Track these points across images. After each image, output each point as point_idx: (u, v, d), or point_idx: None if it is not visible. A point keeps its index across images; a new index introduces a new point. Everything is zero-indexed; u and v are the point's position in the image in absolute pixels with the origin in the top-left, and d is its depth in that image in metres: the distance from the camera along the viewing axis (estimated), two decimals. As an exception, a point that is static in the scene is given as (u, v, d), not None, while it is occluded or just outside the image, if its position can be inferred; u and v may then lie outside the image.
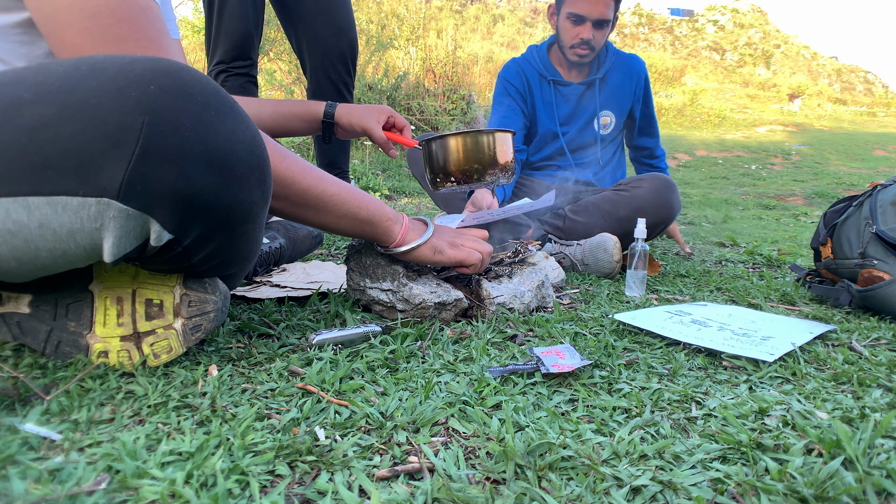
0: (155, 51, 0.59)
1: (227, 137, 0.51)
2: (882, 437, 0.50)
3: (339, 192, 0.75)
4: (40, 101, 0.46)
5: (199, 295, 0.60)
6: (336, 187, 0.75)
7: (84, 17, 0.54)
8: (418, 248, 0.83)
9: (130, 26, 0.57)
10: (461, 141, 1.03)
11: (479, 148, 1.03)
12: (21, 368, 0.57)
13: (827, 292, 1.15)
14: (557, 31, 1.67)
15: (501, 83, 1.76)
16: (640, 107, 1.78)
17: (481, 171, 1.02)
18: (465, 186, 1.04)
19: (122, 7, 0.57)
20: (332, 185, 0.74)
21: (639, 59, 1.77)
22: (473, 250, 0.87)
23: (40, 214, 0.47)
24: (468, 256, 0.86)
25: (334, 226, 0.78)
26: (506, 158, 1.04)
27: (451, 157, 1.02)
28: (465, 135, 1.03)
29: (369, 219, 0.79)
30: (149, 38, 0.59)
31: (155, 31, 0.60)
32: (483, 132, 1.03)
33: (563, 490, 0.41)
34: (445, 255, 0.85)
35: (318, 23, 1.74)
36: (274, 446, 0.44)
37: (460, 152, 1.03)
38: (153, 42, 0.59)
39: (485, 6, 12.61)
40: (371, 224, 0.80)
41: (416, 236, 0.84)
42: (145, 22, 0.59)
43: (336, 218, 0.76)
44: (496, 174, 1.04)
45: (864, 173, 6.00)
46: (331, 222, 0.77)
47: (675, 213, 1.55)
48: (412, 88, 5.37)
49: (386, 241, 0.83)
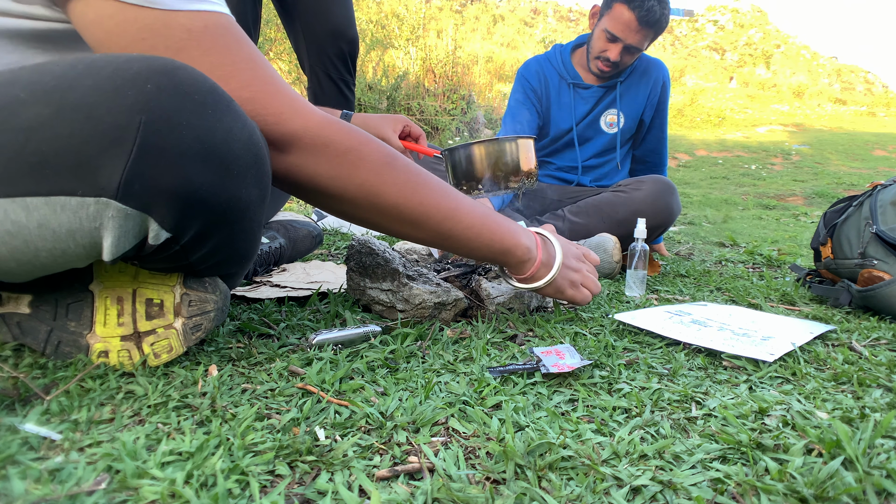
0: (252, 70, 0.59)
1: (223, 136, 0.51)
2: (882, 437, 0.50)
3: (473, 225, 0.72)
4: (37, 101, 0.46)
5: (199, 294, 0.60)
6: (470, 218, 0.72)
7: (170, 53, 0.54)
8: (543, 288, 0.82)
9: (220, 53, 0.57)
10: (485, 149, 1.04)
11: (502, 155, 1.04)
12: (21, 368, 0.57)
13: (827, 292, 1.15)
14: (591, 36, 1.67)
15: (520, 81, 1.77)
16: (651, 113, 1.76)
17: (506, 177, 1.04)
18: (489, 194, 1.05)
19: (206, 35, 0.57)
20: (468, 214, 0.72)
21: (661, 64, 1.75)
22: (588, 294, 0.86)
23: (39, 215, 0.47)
24: (583, 300, 0.86)
25: (465, 254, 0.77)
26: (529, 165, 1.06)
27: (476, 166, 1.04)
28: (488, 142, 1.04)
29: (503, 251, 0.77)
30: (244, 58, 0.59)
31: (248, 49, 0.60)
32: (506, 139, 1.04)
33: (563, 490, 0.41)
34: (564, 295, 0.85)
35: (316, 21, 1.74)
36: (274, 446, 0.44)
37: (484, 160, 1.04)
38: (247, 62, 0.59)
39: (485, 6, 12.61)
40: (504, 255, 0.78)
41: (545, 273, 0.81)
42: (234, 44, 0.59)
43: (468, 250, 0.75)
44: (521, 180, 1.05)
45: (864, 173, 6.00)
46: (461, 251, 0.76)
47: (674, 215, 1.55)
48: (412, 88, 5.37)
49: (514, 272, 0.82)
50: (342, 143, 0.64)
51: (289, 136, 0.61)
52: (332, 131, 0.63)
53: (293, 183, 0.65)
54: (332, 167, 0.63)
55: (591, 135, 1.77)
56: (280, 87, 0.61)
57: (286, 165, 0.63)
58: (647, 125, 1.78)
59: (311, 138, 0.62)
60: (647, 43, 1.58)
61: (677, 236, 2.55)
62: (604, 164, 1.80)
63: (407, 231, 0.70)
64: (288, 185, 0.65)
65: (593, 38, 1.64)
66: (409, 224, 0.69)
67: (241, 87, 0.58)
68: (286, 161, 0.63)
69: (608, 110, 1.74)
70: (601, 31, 1.59)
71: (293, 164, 0.63)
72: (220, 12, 0.59)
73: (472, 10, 11.97)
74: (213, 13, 0.58)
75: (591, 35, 1.66)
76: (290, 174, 0.64)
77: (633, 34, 1.55)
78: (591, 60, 1.66)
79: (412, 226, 0.69)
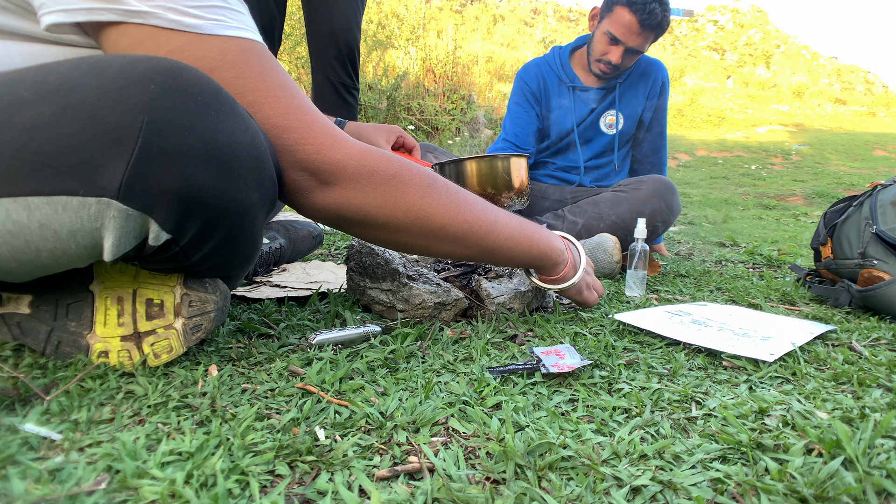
0: (288, 98, 0.59)
1: (226, 138, 0.51)
2: (882, 437, 0.50)
3: (512, 235, 0.74)
4: (40, 101, 0.46)
5: (199, 295, 0.60)
6: (509, 228, 0.74)
7: None
8: (568, 289, 0.86)
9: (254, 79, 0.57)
10: (476, 165, 1.03)
11: (493, 172, 1.04)
12: (21, 368, 0.57)
13: (827, 292, 1.15)
14: (591, 38, 1.66)
15: (518, 84, 1.77)
16: (650, 113, 1.76)
17: (496, 195, 1.04)
18: None
19: (240, 59, 0.56)
20: (506, 225, 0.74)
21: (660, 64, 1.75)
22: (598, 296, 0.93)
23: (40, 214, 0.47)
24: (594, 301, 0.92)
25: (505, 263, 0.80)
26: (520, 183, 1.06)
27: (467, 182, 1.04)
28: (479, 159, 1.04)
29: (540, 255, 0.79)
30: (279, 85, 0.59)
31: (283, 77, 0.60)
32: (498, 157, 1.04)
33: (563, 490, 0.41)
34: (581, 297, 0.89)
35: (318, 23, 1.74)
36: (274, 446, 0.44)
37: (475, 177, 1.04)
38: (282, 89, 0.59)
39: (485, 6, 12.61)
40: (541, 259, 0.80)
41: (572, 274, 0.85)
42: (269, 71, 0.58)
43: (508, 259, 0.77)
44: (512, 198, 1.05)
45: (864, 173, 6.00)
46: (501, 261, 0.78)
47: (674, 215, 1.55)
48: (412, 88, 5.37)
49: (546, 274, 0.84)
50: (386, 170, 0.64)
51: (332, 166, 0.61)
52: (374, 159, 0.63)
53: (343, 216, 0.65)
54: (379, 195, 0.64)
55: (592, 136, 1.77)
56: (317, 117, 0.61)
57: (334, 199, 0.63)
58: (647, 125, 1.78)
59: (354, 168, 0.62)
60: (647, 45, 1.58)
61: (677, 236, 2.55)
62: (604, 166, 1.80)
63: (451, 249, 0.71)
64: (337, 218, 0.65)
65: (594, 40, 1.64)
66: (455, 242, 0.70)
67: (277, 115, 0.58)
68: (334, 194, 0.63)
69: (607, 111, 1.74)
70: (602, 33, 1.59)
71: (342, 196, 0.63)
72: (255, 40, 0.59)
73: (472, 10, 11.97)
74: (249, 40, 0.58)
75: (592, 37, 1.65)
76: (339, 207, 0.63)
77: (634, 37, 1.54)
78: (593, 63, 1.66)
79: (458, 244, 0.70)
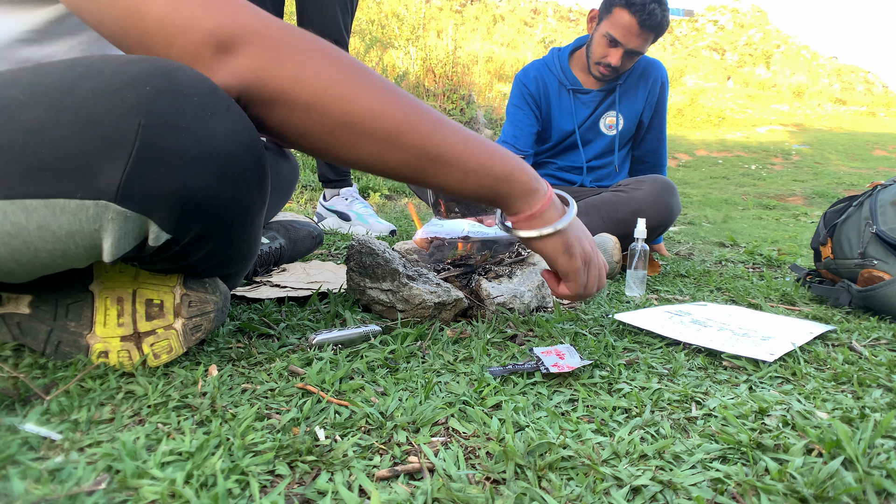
0: None
1: (223, 138, 0.51)
2: (882, 437, 0.50)
3: (466, 140, 0.60)
4: (36, 104, 0.46)
5: (199, 295, 0.60)
6: (462, 132, 0.60)
7: None
8: (552, 237, 0.66)
9: None
10: None
11: None
12: (21, 368, 0.57)
13: (827, 292, 1.15)
14: (590, 40, 1.66)
15: (518, 87, 1.77)
16: (650, 113, 1.76)
17: None
18: (468, 217, 1.05)
19: None
20: (458, 129, 0.60)
21: (659, 64, 1.75)
22: (598, 284, 0.72)
23: (39, 217, 0.47)
24: (588, 289, 0.71)
25: (457, 186, 0.61)
26: None
27: None
28: None
29: (505, 175, 0.62)
30: None
31: None
32: None
33: (563, 490, 0.41)
34: (571, 262, 0.68)
35: (311, 27, 1.74)
36: (274, 446, 0.44)
37: None
38: None
39: (485, 6, 12.61)
40: (507, 181, 0.62)
41: (555, 216, 0.66)
42: None
43: (461, 176, 0.60)
44: None
45: (864, 173, 6.01)
46: (451, 181, 0.61)
47: (674, 215, 1.55)
48: (412, 88, 5.37)
49: (518, 210, 0.66)
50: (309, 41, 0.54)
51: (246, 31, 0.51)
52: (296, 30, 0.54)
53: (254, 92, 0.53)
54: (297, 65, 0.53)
55: (592, 137, 1.77)
56: None
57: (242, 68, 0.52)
58: (647, 126, 1.78)
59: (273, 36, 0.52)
60: (647, 46, 1.58)
61: (677, 236, 2.55)
62: (604, 166, 1.80)
63: (381, 151, 0.56)
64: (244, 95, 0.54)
65: (593, 42, 1.63)
66: (387, 140, 0.55)
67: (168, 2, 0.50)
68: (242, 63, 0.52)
69: (607, 112, 1.74)
70: (601, 35, 1.59)
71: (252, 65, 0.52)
72: None
73: (472, 10, 11.96)
74: None
75: (591, 39, 1.65)
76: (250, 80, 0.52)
77: (634, 38, 1.54)
78: (592, 65, 1.66)
79: (390, 142, 0.56)
